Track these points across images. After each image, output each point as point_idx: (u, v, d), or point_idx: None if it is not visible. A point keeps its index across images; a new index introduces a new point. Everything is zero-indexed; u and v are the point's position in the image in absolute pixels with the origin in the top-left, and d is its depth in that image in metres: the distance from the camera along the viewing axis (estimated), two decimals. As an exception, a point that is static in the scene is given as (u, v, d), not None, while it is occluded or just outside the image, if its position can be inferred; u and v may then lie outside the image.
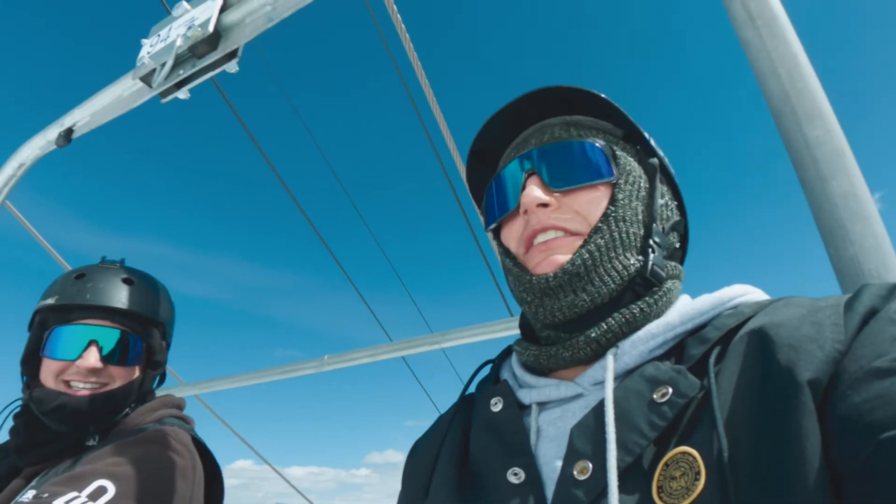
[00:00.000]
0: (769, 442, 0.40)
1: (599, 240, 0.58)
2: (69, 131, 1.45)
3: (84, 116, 1.43)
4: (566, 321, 0.59)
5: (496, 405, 0.60)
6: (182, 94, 1.27)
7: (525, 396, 0.60)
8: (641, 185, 0.63)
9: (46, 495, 0.83)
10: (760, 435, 0.40)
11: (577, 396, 0.56)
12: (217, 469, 1.13)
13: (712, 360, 0.48)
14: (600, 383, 0.55)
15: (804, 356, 0.42)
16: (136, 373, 1.11)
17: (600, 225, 0.59)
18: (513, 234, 0.65)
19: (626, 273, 0.58)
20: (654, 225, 0.61)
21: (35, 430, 1.04)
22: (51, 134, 1.47)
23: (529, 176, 0.64)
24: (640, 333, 0.56)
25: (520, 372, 0.64)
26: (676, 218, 0.67)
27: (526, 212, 0.62)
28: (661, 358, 0.54)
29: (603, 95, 0.64)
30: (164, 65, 1.20)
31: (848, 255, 0.55)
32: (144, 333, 1.12)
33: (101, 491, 0.86)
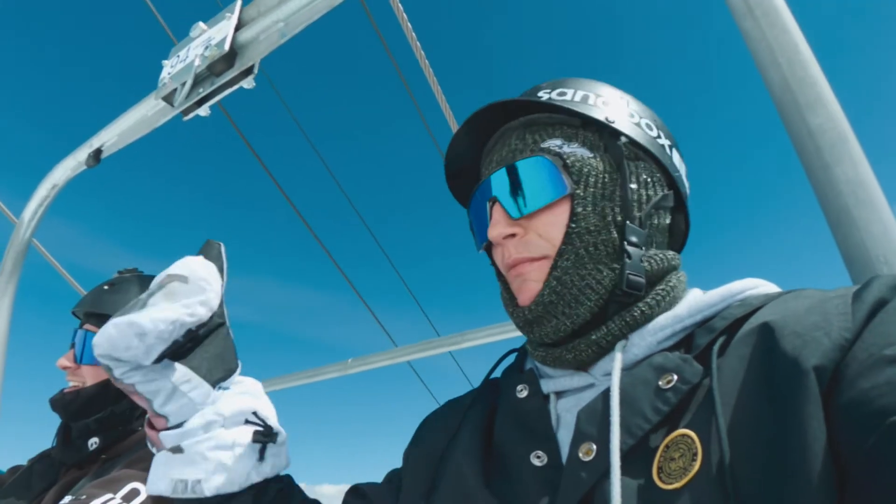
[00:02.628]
0: (770, 425, 0.40)
1: (565, 262, 0.58)
2: (98, 152, 1.51)
3: (112, 137, 1.49)
4: (557, 340, 0.60)
5: (522, 392, 0.61)
6: (203, 111, 1.32)
7: (544, 386, 0.61)
8: (606, 181, 0.60)
9: (84, 497, 0.88)
10: (761, 419, 0.41)
11: (590, 386, 0.58)
12: None
13: (716, 347, 0.48)
14: (610, 374, 0.56)
15: (810, 343, 0.42)
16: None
17: (563, 247, 0.59)
18: (498, 259, 0.66)
19: (601, 287, 0.58)
20: (628, 223, 0.59)
21: (64, 429, 1.15)
22: (81, 155, 1.53)
23: (493, 205, 0.64)
24: (650, 326, 0.57)
25: (539, 363, 0.65)
26: (660, 195, 0.63)
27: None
28: (670, 349, 0.54)
29: (550, 103, 0.63)
30: (184, 84, 1.25)
31: (855, 241, 0.55)
32: None
33: (135, 493, 0.90)
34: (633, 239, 0.59)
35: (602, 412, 0.50)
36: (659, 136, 0.65)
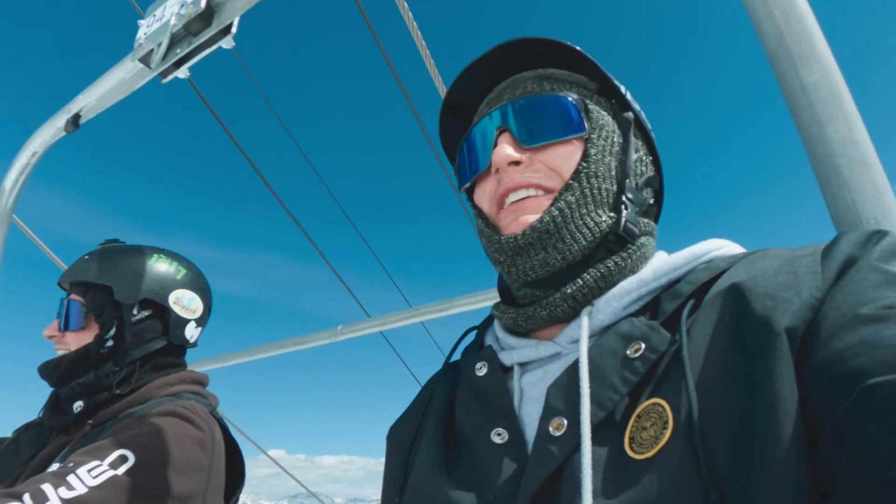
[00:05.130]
0: (740, 389, 0.39)
1: (570, 196, 0.58)
2: (76, 117, 1.47)
3: (90, 101, 1.44)
4: (539, 279, 0.59)
5: (481, 369, 0.60)
6: (182, 73, 1.28)
7: (507, 358, 0.60)
8: (615, 139, 0.62)
9: (71, 465, 0.88)
10: (732, 383, 0.40)
11: (556, 356, 0.57)
12: (236, 446, 1.17)
13: (685, 313, 0.47)
14: (577, 341, 0.55)
15: (781, 304, 0.41)
16: (89, 336, 1.17)
17: (571, 182, 0.58)
18: (485, 194, 0.64)
19: (597, 230, 0.57)
20: (628, 181, 0.60)
21: (55, 396, 1.18)
22: (59, 121, 1.49)
23: (501, 133, 0.62)
24: (615, 290, 0.56)
25: (501, 335, 0.64)
26: (651, 174, 0.66)
27: (498, 170, 0.61)
28: (636, 314, 0.53)
29: (577, 48, 0.63)
30: (160, 44, 1.20)
31: (845, 202, 0.53)
32: (84, 297, 1.18)
33: (122, 459, 0.90)
34: (630, 196, 0.60)
35: (571, 385, 0.49)
36: (651, 130, 0.68)
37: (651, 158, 0.67)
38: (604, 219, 0.58)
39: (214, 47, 1.19)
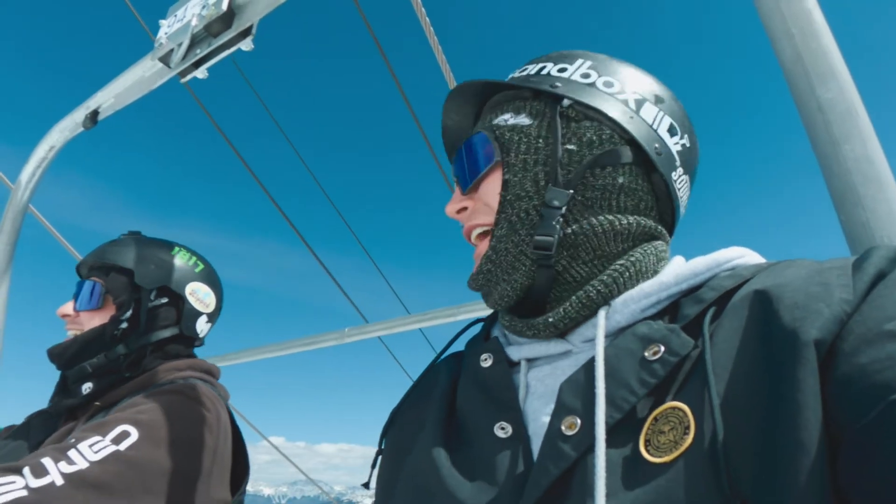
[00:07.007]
0: (765, 399, 0.39)
1: (500, 231, 0.60)
2: (95, 113, 1.49)
3: (108, 98, 1.47)
4: (510, 306, 0.62)
5: (486, 361, 0.60)
6: (200, 73, 1.29)
7: (514, 353, 0.60)
8: (540, 145, 0.60)
9: (73, 440, 0.88)
10: (756, 392, 0.40)
11: (567, 353, 0.56)
12: (241, 439, 1.17)
13: (707, 319, 0.47)
14: (591, 340, 0.55)
15: (811, 315, 0.40)
16: (103, 318, 1.19)
17: (499, 215, 0.61)
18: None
19: (529, 252, 0.59)
20: (550, 185, 0.58)
21: (63, 379, 1.18)
22: (78, 116, 1.51)
23: (456, 181, 0.68)
24: (633, 292, 0.55)
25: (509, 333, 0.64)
26: (602, 151, 0.59)
27: None
28: (654, 317, 0.53)
29: (487, 81, 0.65)
30: (180, 45, 1.22)
31: (859, 220, 0.54)
32: (104, 279, 1.21)
33: (125, 435, 0.89)
34: (555, 202, 0.57)
35: (585, 384, 0.49)
36: (622, 92, 0.62)
37: (610, 133, 0.60)
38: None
39: (234, 49, 1.21)
